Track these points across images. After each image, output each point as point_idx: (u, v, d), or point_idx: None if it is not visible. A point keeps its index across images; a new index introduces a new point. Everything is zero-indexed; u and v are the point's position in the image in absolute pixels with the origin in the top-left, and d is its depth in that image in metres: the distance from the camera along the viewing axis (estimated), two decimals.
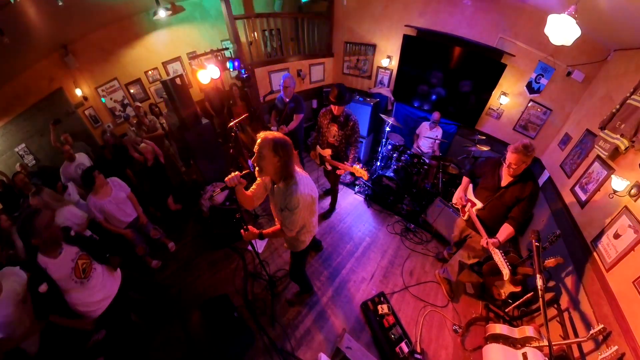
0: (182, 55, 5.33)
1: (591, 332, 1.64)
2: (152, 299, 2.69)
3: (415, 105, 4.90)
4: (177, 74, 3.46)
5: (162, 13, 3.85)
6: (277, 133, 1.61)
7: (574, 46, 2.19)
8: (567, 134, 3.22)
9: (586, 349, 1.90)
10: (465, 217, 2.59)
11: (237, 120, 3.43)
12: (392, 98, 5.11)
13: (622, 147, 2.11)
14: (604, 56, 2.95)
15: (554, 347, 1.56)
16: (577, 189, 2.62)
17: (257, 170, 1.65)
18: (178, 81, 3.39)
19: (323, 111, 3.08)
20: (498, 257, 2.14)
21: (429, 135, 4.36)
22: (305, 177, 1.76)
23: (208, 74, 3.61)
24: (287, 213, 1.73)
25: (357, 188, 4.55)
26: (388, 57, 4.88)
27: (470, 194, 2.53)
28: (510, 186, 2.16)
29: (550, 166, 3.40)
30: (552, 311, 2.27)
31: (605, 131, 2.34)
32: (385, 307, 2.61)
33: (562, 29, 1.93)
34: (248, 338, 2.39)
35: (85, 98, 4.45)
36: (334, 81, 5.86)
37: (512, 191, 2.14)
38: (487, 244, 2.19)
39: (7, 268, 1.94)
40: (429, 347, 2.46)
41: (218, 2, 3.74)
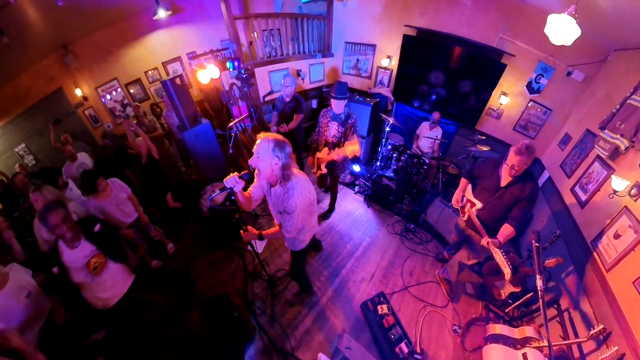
0: (182, 55, 5.33)
1: (591, 333, 1.64)
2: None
3: (415, 105, 4.90)
4: (177, 74, 3.47)
5: (162, 13, 3.85)
6: (277, 135, 1.60)
7: (574, 46, 2.18)
8: (567, 134, 3.21)
9: (586, 350, 1.90)
10: (465, 218, 2.60)
11: (237, 120, 3.43)
12: (392, 98, 5.11)
13: (622, 147, 2.10)
14: (604, 56, 2.95)
15: (554, 348, 1.56)
16: (577, 189, 2.62)
17: (256, 172, 1.64)
18: (178, 81, 3.40)
19: (323, 111, 3.07)
20: (499, 257, 2.15)
21: (429, 135, 4.36)
22: (303, 179, 1.75)
23: (208, 74, 3.61)
24: (286, 215, 1.72)
25: (357, 188, 4.55)
26: (388, 57, 4.88)
27: (469, 194, 2.54)
28: (509, 186, 2.17)
29: (550, 166, 3.40)
30: (552, 311, 2.27)
31: (605, 131, 2.33)
32: (385, 307, 2.61)
33: (562, 29, 1.92)
34: (248, 338, 2.39)
35: (85, 98, 4.45)
36: (334, 81, 5.86)
37: (512, 191, 2.15)
38: (488, 244, 2.19)
39: (14, 264, 2.02)
40: (429, 347, 2.46)
41: (218, 2, 3.74)
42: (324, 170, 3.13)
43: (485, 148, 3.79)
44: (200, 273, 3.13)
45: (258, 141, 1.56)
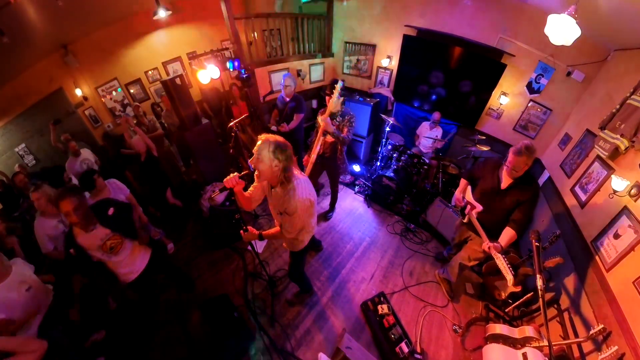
0: (182, 55, 5.33)
1: (591, 332, 1.64)
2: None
3: (415, 105, 4.90)
4: (177, 74, 3.47)
5: (162, 13, 3.85)
6: (278, 136, 1.59)
7: (574, 46, 2.18)
8: (567, 134, 3.21)
9: (586, 349, 1.90)
10: (465, 220, 2.54)
11: (237, 120, 3.43)
12: (392, 98, 5.11)
13: (622, 147, 2.10)
14: (604, 56, 2.95)
15: (554, 347, 1.56)
16: (577, 189, 2.62)
17: (256, 173, 1.64)
18: (178, 81, 3.40)
19: (321, 110, 3.06)
20: (501, 263, 2.09)
21: (429, 135, 4.36)
22: (303, 181, 1.73)
23: (208, 74, 3.61)
24: (286, 217, 1.72)
25: (357, 188, 4.55)
26: (388, 57, 4.88)
27: (469, 196, 2.49)
28: (510, 189, 2.12)
29: (550, 166, 3.40)
30: (552, 311, 2.27)
31: (605, 131, 2.33)
32: (385, 307, 2.61)
33: (562, 29, 1.92)
34: (248, 338, 2.39)
35: (85, 98, 4.45)
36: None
37: (513, 194, 2.10)
38: (489, 249, 2.14)
39: (18, 259, 2.04)
40: (429, 347, 2.46)
41: (218, 2, 3.74)
42: (313, 158, 2.90)
43: (485, 148, 3.79)
44: (200, 273, 3.13)
45: (259, 143, 1.55)
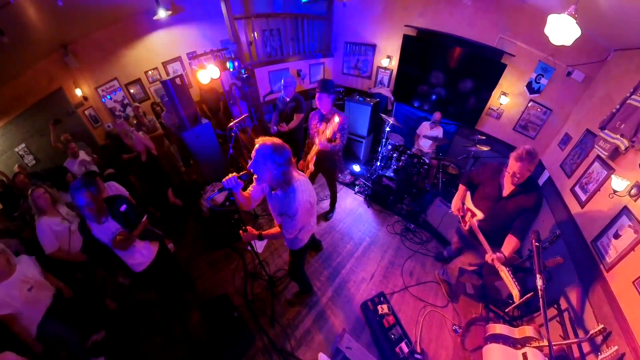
0: (182, 55, 5.33)
1: (591, 332, 1.64)
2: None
3: (415, 105, 4.90)
4: (177, 74, 3.47)
5: (162, 13, 3.85)
6: (275, 139, 1.57)
7: (574, 46, 2.19)
8: (567, 134, 3.21)
9: (586, 349, 1.90)
10: (467, 228, 2.42)
11: (237, 120, 3.43)
12: (392, 98, 5.11)
13: (622, 147, 2.10)
14: (604, 56, 2.95)
15: (554, 347, 1.55)
16: (577, 189, 2.62)
17: (255, 177, 1.63)
18: (178, 81, 3.40)
19: (312, 113, 3.05)
20: (505, 275, 1.91)
21: (430, 135, 4.36)
22: (303, 182, 1.71)
23: (208, 74, 3.61)
24: (287, 218, 1.72)
25: (357, 188, 4.55)
26: (388, 57, 4.89)
27: (469, 203, 2.39)
28: (513, 196, 2.03)
29: (550, 166, 3.40)
30: (552, 311, 2.27)
31: (605, 131, 2.33)
32: (385, 307, 2.61)
33: (562, 29, 1.92)
34: (248, 338, 2.39)
35: (85, 98, 4.45)
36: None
37: (516, 201, 2.00)
38: (493, 261, 1.97)
39: (24, 256, 2.07)
40: (429, 347, 2.46)
41: (218, 2, 3.74)
42: (312, 168, 2.99)
43: (485, 148, 3.79)
44: (200, 273, 3.13)
45: (256, 146, 1.53)
